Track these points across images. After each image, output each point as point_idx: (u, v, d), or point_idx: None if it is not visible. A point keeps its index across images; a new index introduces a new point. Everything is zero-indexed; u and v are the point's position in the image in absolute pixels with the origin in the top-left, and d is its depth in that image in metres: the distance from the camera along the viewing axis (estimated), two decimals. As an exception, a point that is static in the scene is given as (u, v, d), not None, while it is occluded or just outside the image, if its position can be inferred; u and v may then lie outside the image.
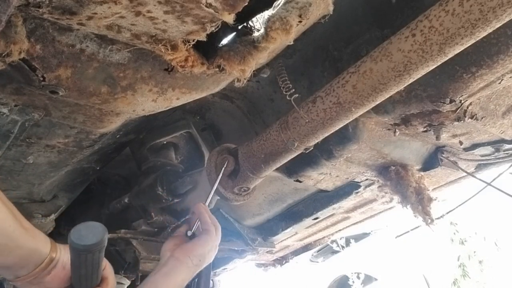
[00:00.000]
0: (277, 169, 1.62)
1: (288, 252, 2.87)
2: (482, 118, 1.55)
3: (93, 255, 0.95)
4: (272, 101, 1.87)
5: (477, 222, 7.30)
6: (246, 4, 1.04)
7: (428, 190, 1.86)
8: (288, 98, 1.44)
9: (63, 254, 1.05)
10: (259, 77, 1.72)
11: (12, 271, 0.98)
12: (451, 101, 1.40)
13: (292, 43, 1.31)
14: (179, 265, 1.19)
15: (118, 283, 2.50)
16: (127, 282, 2.53)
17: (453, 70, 1.33)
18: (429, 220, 1.81)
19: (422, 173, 1.91)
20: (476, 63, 1.29)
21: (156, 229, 2.18)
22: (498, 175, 2.02)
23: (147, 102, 1.38)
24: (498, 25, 1.01)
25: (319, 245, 2.87)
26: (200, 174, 1.85)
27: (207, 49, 1.28)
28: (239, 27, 1.38)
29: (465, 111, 1.49)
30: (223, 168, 1.55)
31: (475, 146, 1.78)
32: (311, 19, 1.30)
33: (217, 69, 1.30)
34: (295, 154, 1.49)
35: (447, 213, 2.38)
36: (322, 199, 2.14)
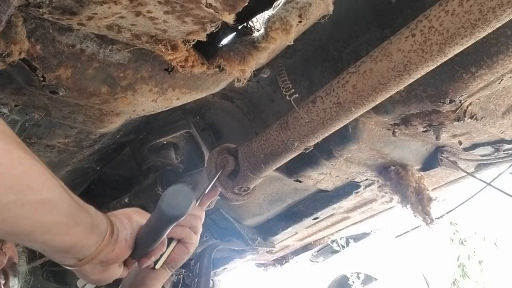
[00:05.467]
0: (277, 169, 1.62)
1: (288, 252, 2.87)
2: (482, 118, 1.55)
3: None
4: (272, 101, 1.87)
5: (477, 222, 7.30)
6: (246, 4, 1.04)
7: (428, 190, 1.86)
8: (288, 98, 1.44)
9: (122, 227, 0.93)
10: (259, 77, 1.72)
11: (73, 253, 0.85)
12: (451, 101, 1.40)
13: (292, 43, 1.32)
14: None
15: (118, 283, 2.50)
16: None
17: (453, 70, 1.33)
18: (429, 220, 1.81)
19: (422, 173, 1.91)
20: (476, 63, 1.29)
21: (156, 229, 2.18)
22: (498, 175, 2.02)
23: (147, 102, 1.38)
24: (498, 25, 1.01)
25: (319, 245, 2.87)
26: (200, 174, 1.85)
27: (207, 49, 1.28)
28: (239, 27, 1.38)
29: (465, 111, 1.49)
30: (220, 171, 1.55)
31: (475, 146, 1.78)
32: (311, 19, 1.30)
33: (217, 69, 1.30)
34: (295, 154, 1.49)
35: (447, 213, 2.38)
36: (322, 199, 2.14)
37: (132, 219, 0.97)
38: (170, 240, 1.15)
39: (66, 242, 0.81)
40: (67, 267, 0.88)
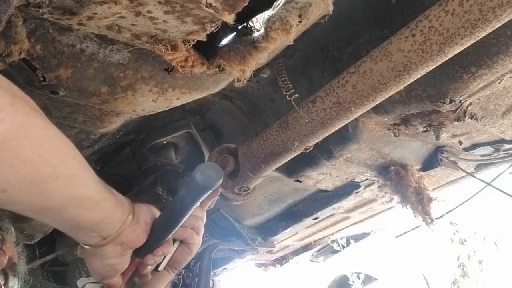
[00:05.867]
0: (277, 169, 1.62)
1: (288, 252, 2.87)
2: (482, 118, 1.55)
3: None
4: (272, 101, 1.87)
5: (477, 222, 7.31)
6: (246, 4, 1.04)
7: (428, 190, 1.86)
8: (288, 98, 1.44)
9: (141, 211, 0.97)
10: (259, 77, 1.72)
11: (98, 231, 0.87)
12: (451, 101, 1.40)
13: (292, 43, 1.32)
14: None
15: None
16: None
17: (453, 70, 1.33)
18: (429, 220, 1.81)
19: (422, 173, 1.91)
20: (476, 63, 1.29)
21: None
22: (498, 175, 2.02)
23: (147, 102, 1.38)
24: (498, 25, 1.01)
25: (319, 245, 2.87)
26: (200, 174, 1.84)
27: (207, 49, 1.28)
28: (239, 27, 1.38)
29: (465, 111, 1.49)
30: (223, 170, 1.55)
31: (475, 146, 1.78)
32: (311, 19, 1.30)
33: (217, 69, 1.30)
34: (295, 154, 1.49)
35: (447, 213, 2.38)
36: (322, 199, 2.14)
37: (151, 208, 1.02)
38: (172, 241, 1.15)
39: (94, 218, 0.84)
40: (91, 247, 0.91)
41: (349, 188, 2.03)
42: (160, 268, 1.11)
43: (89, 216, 0.83)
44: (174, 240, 1.14)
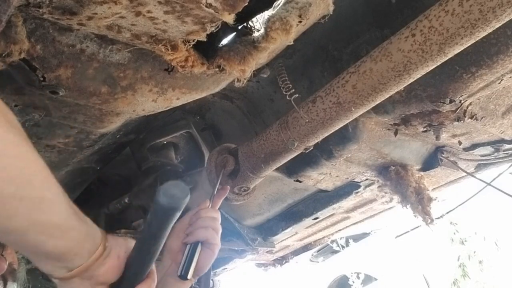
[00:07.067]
0: (277, 169, 1.62)
1: (288, 252, 2.87)
2: (482, 118, 1.55)
3: (175, 216, 0.84)
4: (272, 101, 1.87)
5: (477, 222, 7.30)
6: (246, 4, 1.04)
7: (428, 190, 1.86)
8: (288, 98, 1.45)
9: (115, 243, 0.88)
10: (259, 77, 1.72)
11: (64, 262, 0.80)
12: (451, 101, 1.40)
13: (292, 43, 1.32)
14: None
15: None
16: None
17: (452, 70, 1.33)
18: (429, 220, 1.81)
19: (422, 173, 1.91)
20: (475, 63, 1.29)
21: (156, 229, 2.18)
22: (498, 175, 2.02)
23: (147, 102, 1.38)
24: (498, 25, 1.01)
25: (319, 245, 2.87)
26: (200, 174, 1.85)
27: (207, 49, 1.28)
28: (239, 27, 1.38)
29: (465, 111, 1.49)
30: (222, 170, 1.55)
31: (475, 146, 1.78)
32: (311, 19, 1.30)
33: (217, 69, 1.30)
34: (295, 154, 1.49)
35: (447, 213, 2.38)
36: (322, 199, 2.14)
37: (127, 241, 0.93)
38: (195, 245, 1.10)
39: (59, 248, 0.77)
40: (56, 280, 0.83)
41: (349, 188, 2.03)
42: (189, 276, 1.05)
43: (54, 245, 0.76)
44: (197, 244, 1.09)
